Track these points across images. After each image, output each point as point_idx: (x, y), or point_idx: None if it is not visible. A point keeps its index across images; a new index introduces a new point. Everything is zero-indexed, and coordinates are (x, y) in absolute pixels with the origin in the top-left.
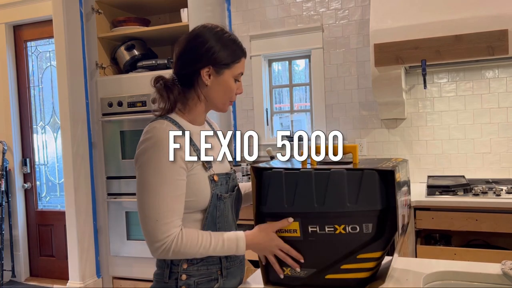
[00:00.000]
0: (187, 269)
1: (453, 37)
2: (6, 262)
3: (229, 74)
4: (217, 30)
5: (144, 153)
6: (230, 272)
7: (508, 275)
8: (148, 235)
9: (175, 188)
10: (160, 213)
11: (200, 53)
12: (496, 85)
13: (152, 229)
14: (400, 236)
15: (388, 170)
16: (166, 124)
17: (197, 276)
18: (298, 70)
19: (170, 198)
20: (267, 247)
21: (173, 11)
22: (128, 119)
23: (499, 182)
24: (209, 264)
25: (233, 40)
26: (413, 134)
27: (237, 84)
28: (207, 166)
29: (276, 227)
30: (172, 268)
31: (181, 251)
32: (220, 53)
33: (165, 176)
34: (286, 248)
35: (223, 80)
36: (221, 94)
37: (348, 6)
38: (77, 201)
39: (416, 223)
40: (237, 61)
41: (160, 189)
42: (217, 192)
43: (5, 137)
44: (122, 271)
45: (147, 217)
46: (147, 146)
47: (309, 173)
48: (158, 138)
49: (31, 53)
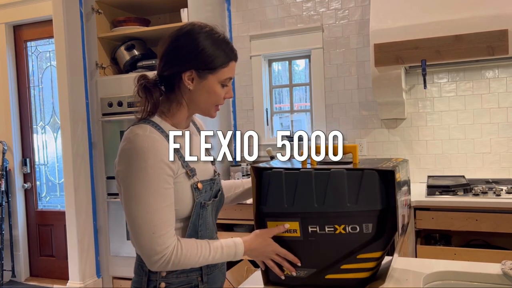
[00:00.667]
0: (166, 277)
1: (453, 37)
2: (6, 262)
3: (214, 79)
4: (205, 30)
5: (128, 165)
6: (211, 278)
7: (508, 275)
8: (144, 249)
9: (165, 198)
10: (155, 226)
11: (183, 55)
12: (496, 85)
13: (148, 242)
14: (400, 236)
15: (388, 170)
16: (149, 130)
17: (176, 284)
18: (298, 70)
19: (162, 208)
20: (264, 252)
21: (173, 11)
22: (128, 119)
23: (499, 182)
24: (188, 271)
25: (221, 42)
26: (413, 134)
27: (225, 89)
28: (190, 174)
29: (273, 233)
30: (150, 276)
31: (181, 262)
32: (204, 57)
33: (153, 186)
34: (283, 253)
35: (207, 85)
36: (205, 99)
37: (348, 6)
38: (77, 201)
39: (416, 223)
40: (224, 66)
41: (151, 200)
42: (200, 200)
43: (5, 137)
44: (122, 271)
45: (141, 231)
46: (130, 157)
47: (309, 173)
48: (142, 147)
49: (31, 53)
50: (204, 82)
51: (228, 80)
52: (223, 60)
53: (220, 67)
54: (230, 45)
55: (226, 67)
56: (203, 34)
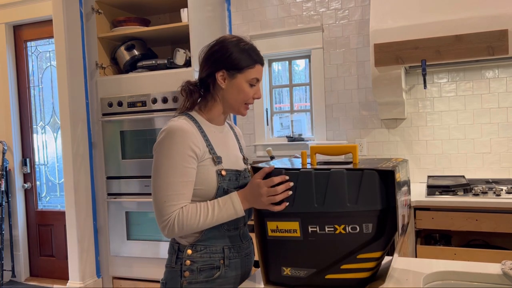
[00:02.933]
0: (191, 255)
1: (453, 37)
2: (6, 262)
3: (242, 78)
4: (233, 39)
5: (160, 142)
6: (233, 263)
7: (508, 275)
8: (156, 215)
9: (182, 174)
10: (168, 196)
11: (215, 59)
12: (496, 85)
13: (160, 209)
14: (400, 236)
15: (388, 170)
16: (183, 118)
17: (200, 263)
18: (298, 70)
19: (178, 183)
20: (255, 192)
21: (173, 11)
22: (128, 119)
23: (499, 182)
24: (212, 253)
25: (248, 48)
26: (413, 134)
27: (254, 89)
28: (216, 160)
29: (264, 173)
30: (178, 254)
31: (184, 224)
32: (232, 59)
33: (175, 162)
34: (270, 182)
35: (236, 83)
36: (235, 96)
37: (348, 6)
38: (77, 201)
39: (416, 223)
40: (250, 67)
41: (169, 173)
42: (224, 186)
43: (5, 137)
44: (122, 271)
45: (156, 199)
46: (163, 136)
47: (309, 173)
48: (172, 128)
49: (31, 53)
50: (234, 80)
51: (256, 81)
52: (249, 62)
53: (247, 68)
54: (256, 51)
55: (252, 68)
56: (232, 42)
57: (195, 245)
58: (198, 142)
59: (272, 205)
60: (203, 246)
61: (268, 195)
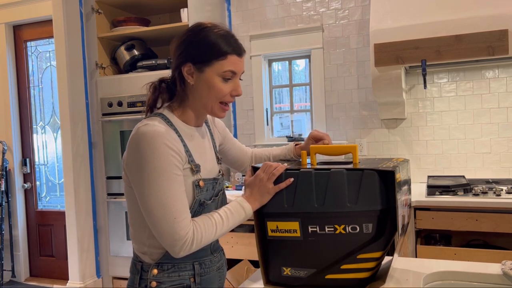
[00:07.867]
0: (157, 276)
1: (453, 37)
2: (6, 262)
3: (211, 72)
4: (205, 26)
5: (138, 154)
6: (205, 280)
7: (508, 275)
8: (167, 235)
9: (180, 184)
10: (176, 211)
11: (181, 50)
12: (496, 85)
13: (170, 228)
14: (400, 236)
15: (388, 171)
16: (158, 121)
17: (168, 284)
18: (298, 70)
19: (180, 193)
20: (258, 183)
21: (173, 11)
22: (128, 119)
23: (499, 182)
24: (180, 271)
25: (221, 36)
26: (413, 134)
27: (230, 85)
28: (194, 169)
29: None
30: (142, 274)
31: (203, 238)
32: (199, 50)
33: (167, 173)
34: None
35: (205, 79)
36: (205, 94)
37: (348, 6)
38: (77, 201)
39: (416, 223)
40: (220, 58)
41: (167, 186)
42: (200, 198)
43: (5, 137)
44: (122, 271)
45: (162, 218)
46: (140, 146)
47: (309, 173)
48: (151, 136)
49: (31, 53)
50: (202, 75)
51: (231, 74)
52: (218, 52)
53: (215, 60)
54: (231, 39)
55: (223, 59)
56: (203, 30)
57: (161, 263)
58: (179, 148)
59: (277, 186)
60: (170, 264)
61: (268, 175)
